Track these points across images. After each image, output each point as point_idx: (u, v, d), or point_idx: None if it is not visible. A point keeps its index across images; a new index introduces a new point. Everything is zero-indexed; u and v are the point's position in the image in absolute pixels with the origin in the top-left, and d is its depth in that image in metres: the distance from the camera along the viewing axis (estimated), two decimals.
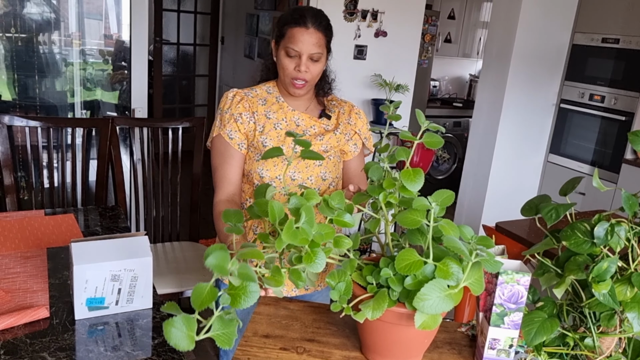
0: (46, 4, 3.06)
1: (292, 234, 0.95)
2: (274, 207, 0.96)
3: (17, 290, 1.43)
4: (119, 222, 2.01)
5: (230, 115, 1.62)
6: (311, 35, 1.55)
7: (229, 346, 0.85)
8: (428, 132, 1.14)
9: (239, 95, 1.65)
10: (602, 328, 1.08)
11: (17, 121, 2.34)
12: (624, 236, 1.02)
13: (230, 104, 1.63)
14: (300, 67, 1.56)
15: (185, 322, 0.81)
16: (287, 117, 1.65)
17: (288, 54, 1.57)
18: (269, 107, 1.65)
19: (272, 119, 1.64)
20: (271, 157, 1.34)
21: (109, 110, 3.36)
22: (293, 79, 1.59)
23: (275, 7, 4.92)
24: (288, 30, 1.56)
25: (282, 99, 1.67)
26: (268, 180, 1.61)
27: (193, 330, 0.82)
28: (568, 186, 1.16)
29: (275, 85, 1.69)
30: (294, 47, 1.55)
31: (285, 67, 1.58)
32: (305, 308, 1.35)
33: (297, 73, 1.58)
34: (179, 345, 0.81)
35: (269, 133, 1.62)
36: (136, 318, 1.36)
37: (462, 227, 1.03)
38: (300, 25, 1.55)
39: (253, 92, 1.67)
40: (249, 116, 1.62)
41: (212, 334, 0.84)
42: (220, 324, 0.85)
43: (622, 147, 3.73)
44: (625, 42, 3.70)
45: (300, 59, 1.56)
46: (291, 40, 1.55)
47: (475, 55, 6.16)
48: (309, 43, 1.55)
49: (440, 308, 0.95)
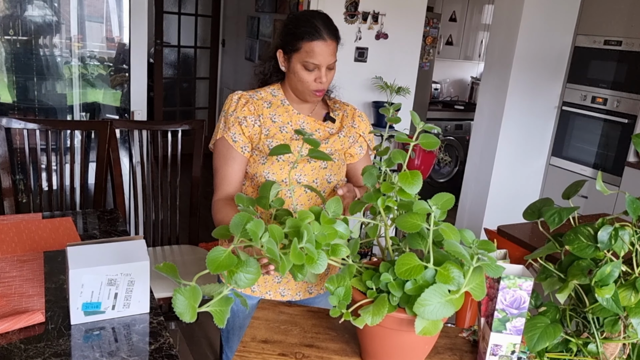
0: (47, 7, 3.06)
1: (298, 255, 0.94)
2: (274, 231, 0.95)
3: (12, 295, 1.41)
4: (118, 225, 1.99)
5: (235, 118, 1.61)
6: (329, 46, 1.55)
7: (222, 324, 0.92)
8: (424, 134, 1.13)
9: (244, 98, 1.63)
10: (606, 334, 1.06)
11: (15, 123, 2.33)
12: (628, 240, 1.01)
13: (235, 106, 1.62)
14: (322, 79, 1.57)
15: (192, 292, 0.89)
16: (292, 120, 1.65)
17: (307, 68, 1.56)
18: (274, 110, 1.64)
19: (277, 122, 1.63)
20: (279, 154, 1.33)
21: (109, 113, 3.35)
22: (314, 91, 1.59)
23: (276, 9, 4.91)
24: (305, 45, 1.54)
25: (287, 102, 1.66)
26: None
27: (196, 302, 0.89)
28: (571, 189, 1.14)
29: (280, 87, 1.68)
30: (313, 62, 1.54)
31: (304, 79, 1.57)
32: (304, 313, 1.33)
33: (318, 85, 1.58)
34: (182, 315, 0.88)
35: (275, 136, 1.61)
36: (133, 323, 1.35)
37: (463, 231, 1.01)
38: (317, 39, 1.53)
39: (258, 95, 1.66)
40: (254, 119, 1.61)
41: (210, 309, 0.92)
42: (220, 302, 0.92)
43: (624, 150, 3.71)
44: (627, 45, 3.69)
45: (320, 71, 1.56)
46: (310, 54, 1.54)
47: (476, 58, 6.15)
48: (327, 54, 1.55)
49: (441, 313, 0.94)
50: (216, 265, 0.90)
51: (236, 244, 0.94)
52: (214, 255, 0.91)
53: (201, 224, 2.80)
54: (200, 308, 0.90)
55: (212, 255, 0.91)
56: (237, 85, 5.92)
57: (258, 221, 0.92)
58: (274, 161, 1.59)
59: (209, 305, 0.92)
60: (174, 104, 6.28)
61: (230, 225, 0.94)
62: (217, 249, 0.92)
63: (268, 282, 1.67)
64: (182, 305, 0.88)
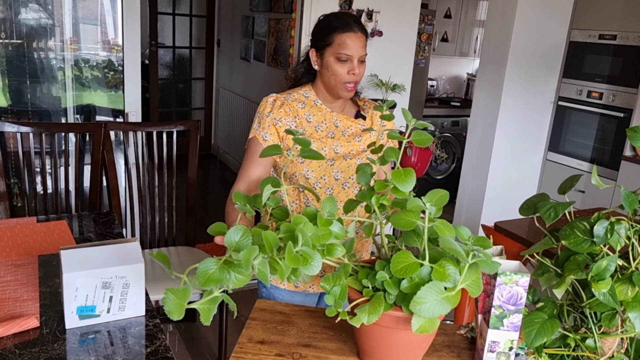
0: (41, 10, 3.04)
1: (295, 259, 0.93)
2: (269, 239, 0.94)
3: (7, 300, 1.40)
4: (113, 228, 1.98)
5: (272, 120, 1.66)
6: (360, 38, 1.62)
7: (207, 322, 0.94)
8: (417, 130, 1.12)
9: (279, 100, 1.69)
10: (604, 328, 1.06)
11: (8, 127, 2.32)
12: (624, 234, 1.00)
13: (271, 108, 1.68)
14: (355, 70, 1.63)
15: (182, 292, 0.90)
16: (326, 119, 1.70)
17: (340, 59, 1.62)
18: (309, 110, 1.70)
19: (312, 122, 1.69)
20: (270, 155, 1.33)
21: (104, 115, 3.33)
22: (346, 83, 1.64)
23: (270, 8, 4.90)
24: (337, 37, 1.62)
25: (320, 102, 1.72)
26: (313, 182, 1.66)
27: (186, 301, 0.90)
28: (566, 184, 1.13)
29: (311, 88, 1.74)
30: (346, 52, 1.61)
31: (338, 72, 1.63)
32: (301, 313, 1.32)
33: (350, 77, 1.64)
34: (171, 313, 0.89)
35: (312, 135, 1.67)
36: (128, 326, 1.34)
37: (459, 228, 1.00)
38: (348, 30, 1.61)
39: (291, 97, 1.71)
40: (289, 120, 1.67)
41: (198, 306, 0.93)
42: (208, 300, 0.93)
43: (621, 144, 3.71)
44: (622, 38, 3.68)
45: (352, 63, 1.63)
46: (342, 46, 1.61)
47: (472, 54, 6.14)
48: (358, 46, 1.62)
49: (437, 311, 0.93)
50: (206, 278, 0.91)
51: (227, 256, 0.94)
52: (204, 268, 0.91)
53: (198, 225, 2.79)
54: (188, 305, 0.91)
55: (202, 268, 0.91)
56: (233, 85, 5.91)
57: (251, 248, 0.91)
58: (312, 160, 1.63)
59: (199, 302, 0.93)
60: (169, 104, 6.26)
61: (225, 239, 0.94)
62: (208, 262, 0.92)
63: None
64: (172, 303, 0.89)
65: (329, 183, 1.66)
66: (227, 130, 6.11)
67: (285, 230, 0.99)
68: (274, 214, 1.12)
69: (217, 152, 6.41)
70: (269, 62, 5.01)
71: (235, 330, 2.88)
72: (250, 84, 5.45)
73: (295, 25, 3.63)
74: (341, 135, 1.70)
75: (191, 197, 2.69)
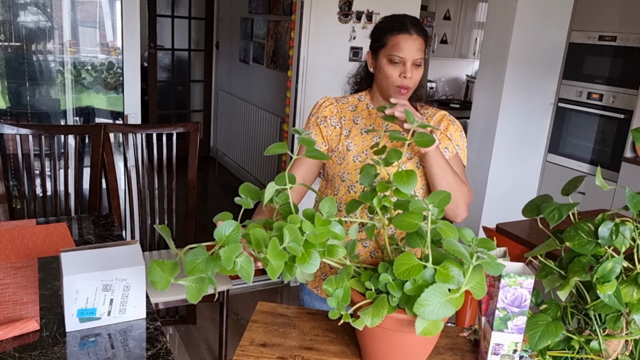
0: (40, 12, 3.04)
1: (279, 254, 0.93)
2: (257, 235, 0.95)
3: (6, 302, 1.39)
4: (113, 230, 1.97)
5: (316, 119, 1.65)
6: (415, 41, 1.54)
7: (194, 300, 0.93)
8: (419, 132, 1.11)
9: (328, 100, 1.68)
10: (608, 331, 1.05)
11: (7, 129, 2.31)
12: (629, 236, 0.99)
13: (318, 108, 1.66)
14: (407, 74, 1.55)
15: (169, 267, 0.91)
16: (375, 122, 1.64)
17: (392, 61, 1.55)
18: (358, 113, 1.66)
19: (359, 124, 1.64)
20: (274, 154, 1.32)
21: (104, 117, 3.33)
22: (398, 87, 1.57)
23: (269, 10, 4.90)
24: (390, 38, 1.56)
25: (372, 106, 1.67)
26: (349, 184, 1.60)
27: (171, 276, 0.91)
28: (570, 186, 1.13)
29: (368, 93, 1.69)
30: (398, 54, 1.54)
31: (390, 75, 1.57)
32: (303, 315, 1.32)
33: (402, 80, 1.56)
34: (154, 284, 0.89)
35: (354, 138, 1.62)
36: (129, 329, 1.33)
37: (462, 230, 1.00)
38: (403, 32, 1.54)
39: (345, 100, 1.69)
40: (335, 120, 1.64)
41: (185, 283, 0.93)
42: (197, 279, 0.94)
43: (621, 145, 3.70)
44: (622, 40, 3.68)
45: (405, 66, 1.55)
46: (395, 47, 1.54)
47: (471, 56, 6.15)
48: (413, 49, 1.54)
49: (441, 313, 0.92)
50: (192, 267, 0.92)
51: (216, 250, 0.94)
52: (192, 258, 0.92)
53: (198, 227, 2.78)
54: (175, 281, 0.92)
55: (190, 257, 0.92)
56: (232, 88, 5.90)
57: (234, 246, 0.91)
58: (350, 162, 1.59)
59: (185, 279, 0.93)
60: (168, 107, 6.25)
61: (215, 232, 0.94)
62: (197, 252, 0.93)
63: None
64: (157, 275, 0.90)
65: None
66: (226, 132, 6.10)
67: (277, 228, 0.99)
68: (281, 211, 1.11)
69: (216, 154, 6.40)
70: (268, 65, 5.01)
71: (234, 333, 2.87)
72: (249, 86, 5.45)
73: (295, 27, 3.63)
74: (388, 141, 1.60)
75: (191, 199, 2.69)
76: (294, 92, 3.68)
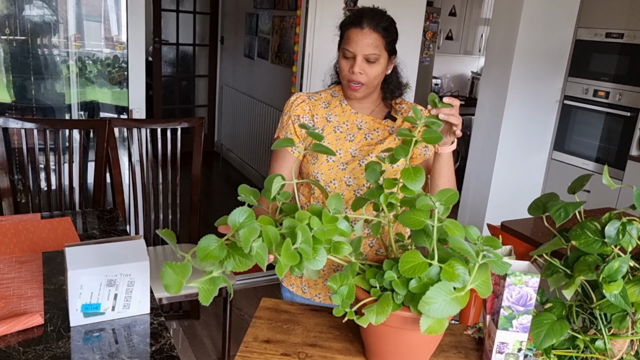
0: (45, 6, 3.04)
1: (291, 256, 0.92)
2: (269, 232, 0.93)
3: (11, 297, 1.39)
4: (117, 225, 1.97)
5: (288, 117, 1.62)
6: (365, 35, 1.50)
7: (206, 302, 0.92)
8: (426, 129, 1.11)
9: (300, 98, 1.64)
10: (614, 330, 1.05)
11: (12, 123, 2.31)
12: (636, 235, 0.99)
13: (290, 106, 1.64)
14: (354, 68, 1.52)
15: (182, 269, 0.89)
16: (349, 120, 1.62)
17: (345, 56, 1.54)
18: (331, 110, 1.63)
19: (332, 121, 1.62)
20: (281, 147, 1.31)
21: (108, 112, 3.33)
22: (349, 81, 1.55)
23: (274, 5, 4.89)
24: (346, 32, 1.54)
25: (345, 102, 1.64)
26: (323, 184, 1.57)
27: (184, 278, 0.89)
28: (576, 184, 1.12)
29: (341, 88, 1.66)
30: (348, 48, 1.52)
31: (342, 68, 1.56)
32: (307, 312, 1.31)
33: (351, 75, 1.53)
34: (168, 287, 0.87)
35: (328, 136, 1.60)
36: (133, 324, 1.33)
37: (468, 228, 0.99)
38: (355, 26, 1.51)
39: (317, 96, 1.66)
40: (307, 119, 1.61)
41: (198, 285, 0.91)
42: (208, 280, 0.92)
43: (627, 143, 3.68)
44: (629, 37, 3.66)
45: (354, 60, 1.52)
46: (346, 41, 1.53)
47: (477, 53, 6.12)
48: (363, 44, 1.50)
49: (446, 312, 0.92)
50: (205, 254, 0.90)
51: (229, 236, 0.92)
52: (204, 244, 0.90)
53: (202, 222, 2.78)
54: (188, 283, 0.90)
55: (202, 244, 0.90)
56: (237, 83, 5.90)
57: (252, 228, 0.90)
58: (323, 161, 1.57)
59: (197, 281, 0.92)
60: (173, 102, 6.26)
61: (228, 218, 0.92)
62: (209, 238, 0.91)
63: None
64: (170, 278, 0.88)
65: (339, 188, 1.57)
66: (230, 127, 6.10)
67: (288, 225, 0.98)
68: (283, 209, 1.10)
69: (220, 149, 6.41)
70: (272, 60, 5.00)
71: (238, 329, 2.88)
72: (254, 82, 5.44)
73: (300, 22, 3.62)
74: (362, 139, 1.60)
75: (195, 194, 2.69)
76: (298, 87, 3.68)
